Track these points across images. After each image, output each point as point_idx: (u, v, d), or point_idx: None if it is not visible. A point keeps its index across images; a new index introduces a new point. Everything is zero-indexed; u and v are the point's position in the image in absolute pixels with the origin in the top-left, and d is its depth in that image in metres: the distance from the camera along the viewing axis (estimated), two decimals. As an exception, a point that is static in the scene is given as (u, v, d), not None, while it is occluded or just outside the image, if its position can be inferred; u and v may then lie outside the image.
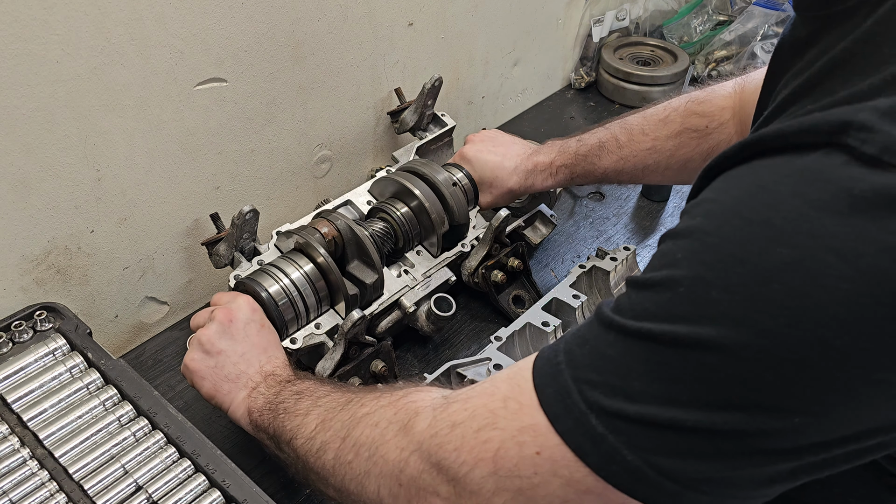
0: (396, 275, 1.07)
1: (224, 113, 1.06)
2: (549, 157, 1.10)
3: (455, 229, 1.10)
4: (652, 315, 0.47)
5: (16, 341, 0.87)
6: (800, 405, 0.43)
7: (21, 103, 0.84)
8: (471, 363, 0.94)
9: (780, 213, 0.43)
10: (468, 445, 0.55)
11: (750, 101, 0.97)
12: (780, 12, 1.72)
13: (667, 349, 0.46)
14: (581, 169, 1.08)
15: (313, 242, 0.96)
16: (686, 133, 1.01)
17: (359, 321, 0.92)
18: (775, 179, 0.45)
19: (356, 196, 1.14)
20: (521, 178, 1.10)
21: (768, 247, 0.43)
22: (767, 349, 0.43)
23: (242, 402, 0.82)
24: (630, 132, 1.06)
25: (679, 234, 0.49)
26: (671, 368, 0.46)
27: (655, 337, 0.47)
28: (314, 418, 0.71)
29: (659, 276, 0.48)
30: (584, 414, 0.49)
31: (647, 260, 1.24)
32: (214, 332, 0.86)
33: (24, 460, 0.76)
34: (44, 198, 0.92)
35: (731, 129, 0.99)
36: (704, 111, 1.01)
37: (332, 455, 0.66)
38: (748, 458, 0.45)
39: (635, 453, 0.47)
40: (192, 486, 0.75)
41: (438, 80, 1.22)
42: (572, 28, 1.70)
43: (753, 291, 0.43)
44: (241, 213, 0.96)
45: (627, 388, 0.47)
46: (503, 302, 1.14)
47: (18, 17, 0.80)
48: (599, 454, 0.48)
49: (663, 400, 0.46)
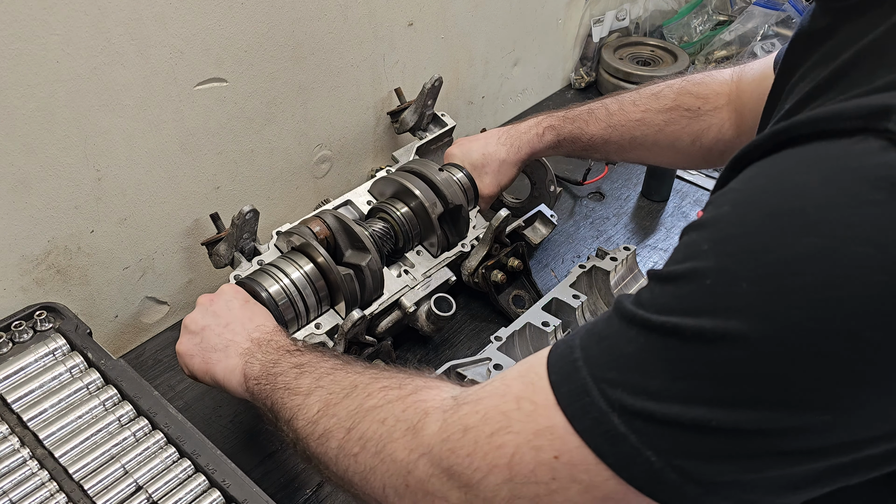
0: (396, 275, 1.07)
1: (224, 113, 1.06)
2: (535, 120, 1.11)
3: (455, 216, 1.10)
4: (675, 309, 0.45)
5: (16, 341, 0.87)
6: (830, 401, 0.41)
7: (21, 103, 0.84)
8: (471, 363, 0.94)
9: (810, 201, 0.41)
10: (481, 451, 0.52)
11: (747, 90, 0.97)
12: (779, 12, 1.73)
13: (691, 344, 0.44)
14: (567, 132, 1.08)
15: (312, 242, 0.96)
16: (677, 110, 1.01)
17: (359, 321, 0.92)
18: (805, 167, 0.43)
19: (356, 196, 1.14)
20: (509, 144, 1.11)
21: (797, 236, 0.41)
22: (796, 343, 0.41)
23: (236, 369, 0.79)
24: (621, 103, 1.06)
25: (704, 224, 0.47)
26: (695, 365, 0.44)
27: (679, 332, 0.44)
28: (316, 400, 0.68)
29: (682, 269, 0.46)
30: (604, 413, 0.47)
31: (647, 260, 1.25)
32: (196, 312, 0.85)
33: (24, 460, 0.76)
34: (44, 198, 0.92)
35: (724, 115, 0.99)
36: (699, 92, 1.00)
37: (336, 445, 0.64)
38: (774, 458, 0.44)
39: (658, 454, 0.45)
40: (192, 486, 0.75)
41: (438, 80, 1.22)
42: (572, 28, 1.70)
43: (781, 283, 0.41)
44: (241, 213, 0.96)
45: (649, 385, 0.45)
46: (503, 302, 1.14)
47: (18, 17, 0.80)
48: (620, 455, 0.46)
49: (687, 398, 0.44)
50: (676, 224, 1.34)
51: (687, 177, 1.45)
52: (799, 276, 0.41)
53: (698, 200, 1.40)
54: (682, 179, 1.44)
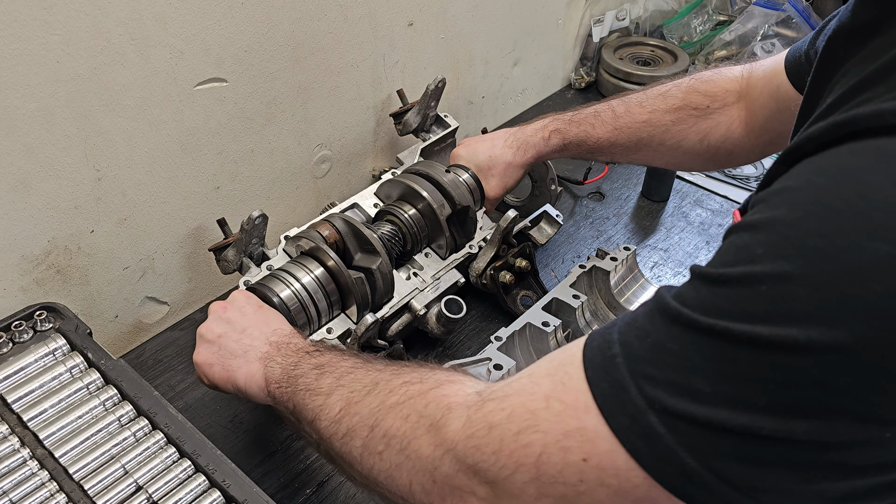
0: (406, 277, 1.07)
1: (224, 113, 1.06)
2: (541, 123, 1.10)
3: (462, 218, 1.09)
4: (727, 313, 0.43)
5: (16, 341, 0.87)
6: (892, 417, 0.39)
7: (21, 103, 0.84)
8: (471, 363, 0.94)
9: (876, 203, 0.39)
10: (507, 449, 0.51)
11: (757, 86, 0.95)
12: (779, 12, 1.73)
13: (743, 349, 0.42)
14: (574, 136, 1.07)
15: (322, 246, 0.96)
16: (685, 109, 0.99)
17: (372, 325, 0.92)
18: (870, 165, 0.41)
19: (363, 199, 1.14)
20: (515, 147, 1.10)
21: (862, 241, 0.39)
22: (860, 354, 0.39)
23: (257, 374, 0.78)
24: (627, 104, 1.05)
25: (757, 225, 0.44)
26: (747, 370, 0.42)
27: (731, 336, 0.42)
28: (338, 400, 0.67)
29: (736, 272, 0.44)
30: (641, 411, 0.45)
31: (647, 260, 1.25)
32: (211, 320, 0.85)
33: (24, 460, 0.76)
34: (44, 198, 0.92)
35: (734, 113, 0.97)
36: (708, 90, 0.99)
37: (360, 443, 0.63)
38: (824, 471, 0.42)
39: (695, 456, 0.43)
40: (192, 486, 0.75)
41: (442, 81, 1.22)
42: (572, 28, 1.70)
43: (845, 291, 0.39)
44: (250, 218, 0.95)
45: (694, 387, 0.44)
46: (510, 303, 1.14)
47: (18, 17, 0.80)
48: (654, 455, 0.45)
49: (735, 403, 0.42)
50: (676, 224, 1.34)
51: (687, 177, 1.45)
52: (865, 284, 0.39)
53: (698, 200, 1.40)
54: (682, 179, 1.44)
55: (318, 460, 0.94)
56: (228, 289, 1.19)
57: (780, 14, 1.72)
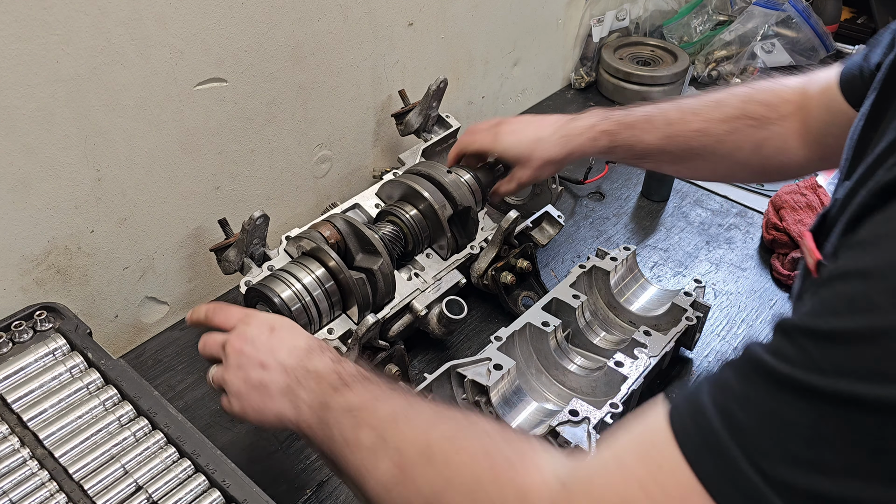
0: (407, 278, 1.07)
1: (224, 113, 1.06)
2: (592, 121, 1.03)
3: (464, 218, 1.09)
4: (853, 373, 0.39)
5: (16, 341, 0.87)
6: None
7: (21, 103, 0.84)
8: (471, 363, 0.94)
9: None
10: None
11: (813, 99, 0.92)
12: (779, 12, 1.73)
13: (878, 416, 0.38)
14: (623, 139, 1.01)
15: (324, 246, 0.96)
16: (742, 119, 0.95)
17: (373, 326, 0.92)
18: None
19: (364, 199, 1.14)
20: (561, 145, 1.04)
21: None
22: None
23: (285, 413, 0.70)
24: (681, 110, 0.99)
25: (868, 273, 0.40)
26: (884, 437, 0.38)
27: (862, 401, 0.38)
28: (386, 460, 0.60)
29: (853, 326, 0.40)
30: (763, 495, 0.40)
31: (647, 260, 1.25)
32: (225, 372, 0.75)
33: (24, 460, 0.76)
34: (44, 198, 0.92)
35: (790, 125, 0.94)
36: (767, 100, 0.95)
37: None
38: None
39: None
40: (192, 486, 0.75)
41: (444, 81, 1.22)
42: (572, 28, 1.70)
43: None
44: (251, 218, 0.95)
45: (822, 461, 0.39)
46: (512, 303, 1.13)
47: (18, 17, 0.80)
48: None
49: (869, 475, 0.38)
50: (676, 224, 1.34)
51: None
52: None
53: (698, 200, 1.40)
54: (682, 179, 1.44)
55: (317, 461, 0.94)
56: (228, 289, 1.19)
57: (780, 14, 1.72)
